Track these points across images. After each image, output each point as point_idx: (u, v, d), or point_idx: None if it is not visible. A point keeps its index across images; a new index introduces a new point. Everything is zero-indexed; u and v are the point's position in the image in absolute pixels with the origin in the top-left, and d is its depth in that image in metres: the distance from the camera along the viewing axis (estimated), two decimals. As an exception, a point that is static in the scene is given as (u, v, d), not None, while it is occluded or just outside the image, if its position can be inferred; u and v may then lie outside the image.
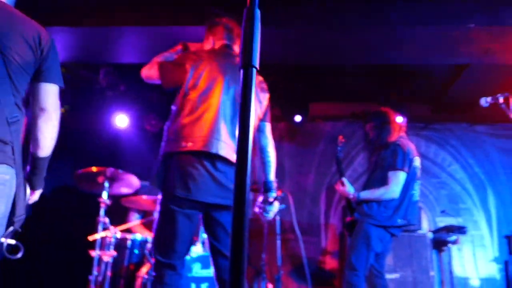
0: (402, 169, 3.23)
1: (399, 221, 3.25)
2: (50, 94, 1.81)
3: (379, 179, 3.32)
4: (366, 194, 3.30)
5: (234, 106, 2.34)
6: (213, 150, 2.20)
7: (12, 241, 1.69)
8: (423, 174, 5.61)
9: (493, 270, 5.28)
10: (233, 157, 2.25)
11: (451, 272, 5.03)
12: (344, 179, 3.43)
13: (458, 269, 5.20)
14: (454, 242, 5.01)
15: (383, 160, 3.34)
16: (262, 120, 2.48)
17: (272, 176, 2.42)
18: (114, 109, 5.41)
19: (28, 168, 1.85)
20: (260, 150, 2.43)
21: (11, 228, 1.70)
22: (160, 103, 5.53)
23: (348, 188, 3.38)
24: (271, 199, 2.39)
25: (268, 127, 2.49)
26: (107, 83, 5.17)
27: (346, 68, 5.09)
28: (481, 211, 5.52)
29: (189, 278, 3.39)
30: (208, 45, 2.62)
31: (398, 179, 3.22)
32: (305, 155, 5.74)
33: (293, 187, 5.60)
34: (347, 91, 5.46)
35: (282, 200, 5.26)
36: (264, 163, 2.42)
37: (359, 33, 4.06)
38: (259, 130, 2.47)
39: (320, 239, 5.47)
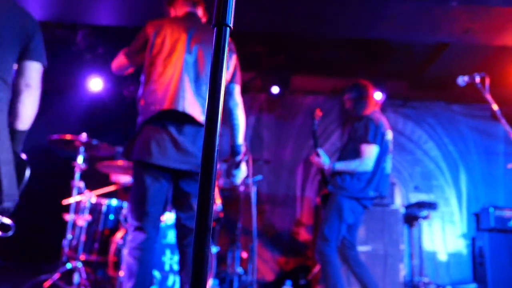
0: (374, 143, 3.27)
1: (371, 193, 3.32)
2: (35, 72, 1.96)
3: (352, 151, 3.37)
4: (340, 166, 3.34)
5: (196, 66, 2.32)
6: (180, 108, 2.19)
7: (8, 221, 1.74)
8: (399, 151, 5.71)
9: (461, 246, 5.47)
10: (200, 117, 2.24)
11: (420, 246, 5.19)
12: (320, 150, 3.46)
13: (428, 244, 5.37)
14: (425, 218, 5.15)
15: (355, 132, 3.38)
16: (230, 81, 2.42)
17: (240, 139, 2.38)
18: (92, 72, 5.29)
19: None
20: (228, 113, 2.39)
21: None
22: (139, 69, 5.43)
23: (324, 159, 3.41)
24: (237, 162, 2.38)
25: (237, 89, 2.43)
26: (85, 45, 5.04)
27: (328, 41, 5.07)
28: (453, 189, 5.66)
29: (163, 245, 3.41)
30: None
31: (371, 152, 3.27)
32: (284, 127, 5.76)
33: (271, 159, 5.63)
34: (329, 65, 5.45)
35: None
36: (231, 126, 2.38)
37: (342, 6, 4.03)
38: (227, 92, 2.41)
39: (296, 211, 5.56)
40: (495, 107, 3.11)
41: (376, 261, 4.48)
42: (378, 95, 5.20)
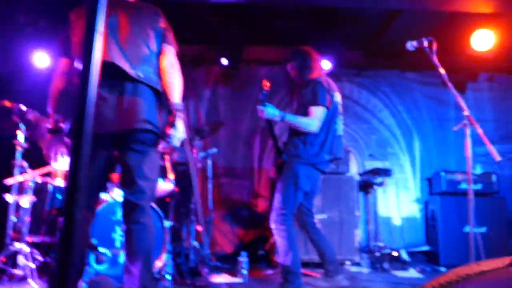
0: (322, 105, 3.24)
1: (326, 157, 3.30)
2: None
3: (301, 115, 3.33)
4: (291, 118, 3.27)
5: (118, 27, 2.24)
6: (108, 59, 2.11)
7: None
8: (354, 120, 5.76)
9: (414, 210, 5.63)
10: (131, 71, 2.15)
11: (375, 212, 5.31)
12: (267, 103, 3.33)
13: (383, 209, 5.49)
14: (380, 184, 5.25)
15: (303, 98, 3.33)
16: (162, 42, 2.34)
17: (175, 98, 2.24)
18: (35, 46, 5.02)
19: None
20: (162, 71, 2.29)
21: None
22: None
23: (272, 109, 3.30)
24: (173, 122, 2.20)
25: (169, 49, 2.33)
26: (26, 18, 4.76)
27: (281, 10, 4.98)
28: (407, 156, 5.79)
29: (113, 221, 3.33)
30: None
31: (319, 113, 3.23)
32: (240, 99, 5.68)
33: (227, 131, 5.57)
34: (282, 35, 5.37)
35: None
36: (167, 85, 2.26)
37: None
38: (162, 52, 2.32)
39: (253, 183, 5.55)
40: (442, 71, 3.14)
41: (332, 228, 4.55)
42: (324, 63, 5.17)
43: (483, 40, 4.94)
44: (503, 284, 0.90)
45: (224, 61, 5.26)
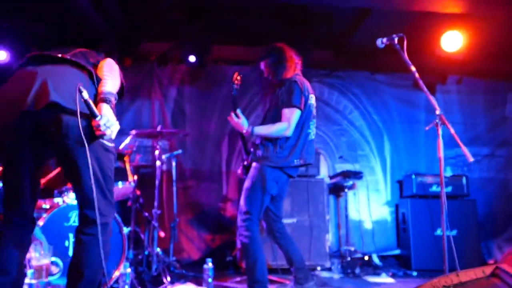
0: (297, 107, 3.08)
1: (296, 162, 3.15)
2: None
3: (273, 116, 3.17)
4: (260, 129, 3.13)
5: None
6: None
7: None
8: (325, 121, 5.65)
9: (385, 213, 5.54)
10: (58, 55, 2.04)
11: (346, 216, 5.20)
12: (239, 111, 3.20)
13: (353, 213, 5.38)
14: (351, 187, 5.15)
15: (278, 97, 3.17)
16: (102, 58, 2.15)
17: (107, 86, 1.98)
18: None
19: None
20: (99, 69, 2.05)
21: None
22: (47, 37, 4.90)
23: (243, 121, 3.17)
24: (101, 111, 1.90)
25: (110, 60, 2.13)
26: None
27: (250, 9, 4.82)
28: (377, 158, 5.70)
29: (66, 227, 3.07)
30: None
31: (293, 116, 3.08)
32: (208, 99, 5.48)
33: (195, 132, 5.35)
34: (251, 34, 5.21)
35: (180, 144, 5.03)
36: (101, 78, 2.02)
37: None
38: (101, 61, 2.12)
39: (221, 186, 5.34)
40: (413, 68, 3.03)
41: (302, 233, 4.41)
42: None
43: (452, 41, 4.91)
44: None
45: (192, 58, 5.04)
